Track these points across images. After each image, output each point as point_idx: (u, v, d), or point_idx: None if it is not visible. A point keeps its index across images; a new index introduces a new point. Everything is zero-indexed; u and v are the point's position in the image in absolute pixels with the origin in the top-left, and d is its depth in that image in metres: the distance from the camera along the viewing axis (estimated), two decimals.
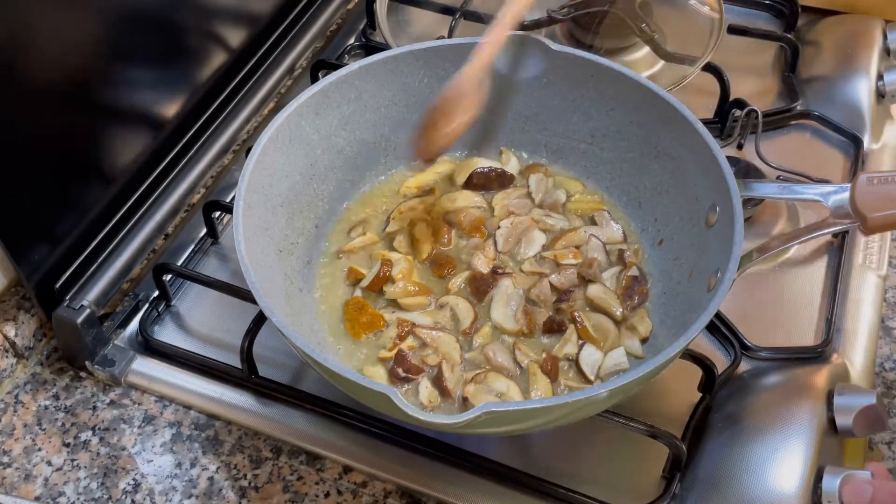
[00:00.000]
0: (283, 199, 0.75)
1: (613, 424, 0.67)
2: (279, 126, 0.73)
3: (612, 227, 0.79)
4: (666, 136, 0.76)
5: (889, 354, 0.79)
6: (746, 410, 0.70)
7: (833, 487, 0.64)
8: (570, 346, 0.71)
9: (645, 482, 0.69)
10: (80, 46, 0.73)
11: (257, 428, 0.74)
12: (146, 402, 0.76)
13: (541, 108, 0.82)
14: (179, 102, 0.85)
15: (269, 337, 0.74)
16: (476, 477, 0.70)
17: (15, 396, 0.77)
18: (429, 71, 0.80)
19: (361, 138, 0.81)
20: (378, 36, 1.03)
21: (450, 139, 0.74)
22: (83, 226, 0.78)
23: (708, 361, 0.71)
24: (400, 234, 0.78)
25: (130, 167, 0.81)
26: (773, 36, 1.00)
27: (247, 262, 0.65)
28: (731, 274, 0.63)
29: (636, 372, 0.58)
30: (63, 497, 0.70)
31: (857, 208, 0.66)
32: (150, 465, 0.72)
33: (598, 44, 0.98)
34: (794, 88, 0.96)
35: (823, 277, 0.82)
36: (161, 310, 0.81)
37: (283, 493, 0.70)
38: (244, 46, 0.94)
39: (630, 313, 0.73)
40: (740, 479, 0.66)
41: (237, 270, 0.82)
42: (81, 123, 0.75)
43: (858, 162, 0.90)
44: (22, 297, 0.77)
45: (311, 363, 0.62)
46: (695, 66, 0.91)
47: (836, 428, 0.69)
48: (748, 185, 0.71)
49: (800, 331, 0.78)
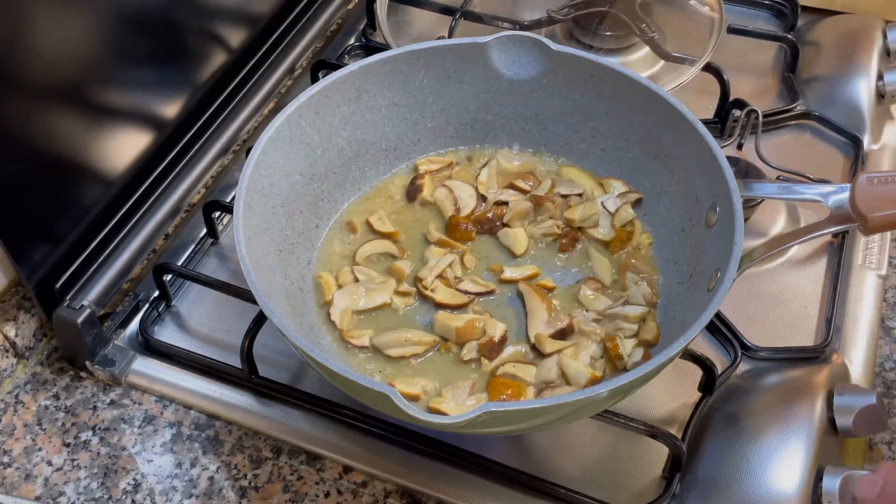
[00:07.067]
0: (283, 199, 0.75)
1: (613, 424, 0.67)
2: (279, 126, 0.73)
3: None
4: (666, 136, 0.76)
5: (889, 354, 0.79)
6: (746, 410, 0.70)
7: (833, 487, 0.64)
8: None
9: (645, 482, 0.69)
10: (79, 46, 0.73)
11: (257, 428, 0.74)
12: (146, 402, 0.76)
13: (541, 108, 0.82)
14: (179, 102, 0.85)
15: (269, 337, 0.74)
16: (476, 477, 0.70)
17: (15, 396, 0.77)
18: (429, 71, 0.80)
19: (362, 138, 0.81)
20: (378, 36, 1.03)
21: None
22: (83, 226, 0.78)
23: (708, 361, 0.71)
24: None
25: (130, 167, 0.81)
26: (773, 36, 1.00)
27: (247, 262, 0.65)
28: (731, 274, 0.63)
29: (636, 372, 0.58)
30: (63, 497, 0.70)
31: (857, 208, 0.66)
32: (150, 464, 0.72)
33: (598, 44, 0.98)
34: (794, 88, 0.96)
35: (823, 277, 0.82)
36: (161, 310, 0.81)
37: (283, 493, 0.70)
38: (244, 46, 0.94)
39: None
40: (740, 479, 0.66)
41: (237, 270, 0.83)
42: (82, 123, 0.75)
43: (858, 162, 0.90)
44: (22, 297, 0.77)
45: (311, 363, 0.62)
46: (695, 66, 0.91)
47: (836, 428, 0.69)
48: (748, 185, 0.71)
49: (800, 331, 0.78)
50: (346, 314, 0.74)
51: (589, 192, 0.81)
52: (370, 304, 0.74)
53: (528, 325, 0.73)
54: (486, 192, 0.82)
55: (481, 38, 0.79)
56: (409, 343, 0.71)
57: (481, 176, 0.83)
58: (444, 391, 0.69)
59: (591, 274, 0.77)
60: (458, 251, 0.78)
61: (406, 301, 0.75)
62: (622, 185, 0.81)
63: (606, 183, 0.81)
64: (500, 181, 0.83)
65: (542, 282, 0.76)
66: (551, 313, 0.73)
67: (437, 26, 1.03)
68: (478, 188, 0.82)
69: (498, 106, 0.83)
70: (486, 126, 0.85)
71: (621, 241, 0.78)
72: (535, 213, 0.80)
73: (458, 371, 0.71)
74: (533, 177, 0.83)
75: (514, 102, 0.83)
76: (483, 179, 0.82)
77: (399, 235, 0.80)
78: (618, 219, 0.78)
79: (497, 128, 0.85)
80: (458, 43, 0.79)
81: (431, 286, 0.75)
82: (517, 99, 0.82)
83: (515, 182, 0.82)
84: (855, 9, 1.04)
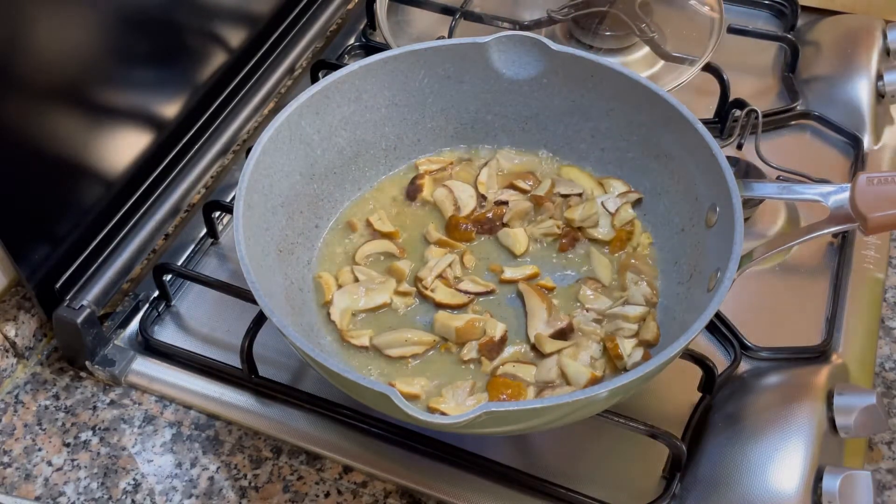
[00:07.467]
0: (283, 199, 0.75)
1: (613, 424, 0.67)
2: (279, 126, 0.73)
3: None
4: (666, 136, 0.76)
5: (889, 354, 0.79)
6: (746, 410, 0.70)
7: (833, 487, 0.64)
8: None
9: (645, 482, 0.69)
10: (79, 46, 0.73)
11: (257, 428, 0.74)
12: (146, 402, 0.76)
13: (541, 108, 0.82)
14: (179, 102, 0.85)
15: (269, 337, 0.74)
16: (476, 477, 0.70)
17: (15, 396, 0.77)
18: (429, 71, 0.80)
19: (362, 138, 0.81)
20: (378, 36, 1.03)
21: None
22: (83, 226, 0.78)
23: (708, 361, 0.71)
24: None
25: (130, 167, 0.81)
26: (773, 36, 1.00)
27: (247, 262, 0.65)
28: (731, 274, 0.63)
29: (636, 372, 0.58)
30: (63, 497, 0.70)
31: (857, 208, 0.66)
32: (150, 465, 0.72)
33: (598, 44, 0.98)
34: (794, 88, 0.96)
35: (823, 277, 0.82)
36: (161, 310, 0.81)
37: (283, 493, 0.70)
38: (244, 46, 0.94)
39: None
40: (740, 479, 0.66)
41: (237, 270, 0.83)
42: (82, 123, 0.75)
43: (858, 162, 0.90)
44: (22, 297, 0.77)
45: (311, 363, 0.62)
46: (695, 66, 0.91)
47: (836, 428, 0.69)
48: (748, 185, 0.71)
49: (800, 331, 0.78)
50: (346, 314, 0.74)
51: (589, 192, 0.81)
52: (370, 304, 0.74)
53: (528, 325, 0.73)
54: (486, 192, 0.82)
55: (481, 38, 0.79)
56: (408, 343, 0.71)
57: (481, 176, 0.83)
58: (443, 391, 0.69)
59: (591, 274, 0.77)
60: (458, 251, 0.78)
61: (406, 301, 0.75)
62: (622, 185, 0.81)
63: (606, 183, 0.81)
64: (500, 181, 0.83)
65: (542, 282, 0.76)
66: (551, 313, 0.73)
67: (437, 26, 1.03)
68: (478, 188, 0.82)
69: (498, 106, 0.83)
70: (486, 126, 0.85)
71: (621, 241, 0.78)
72: (535, 213, 0.80)
73: (458, 371, 0.71)
74: (533, 177, 0.83)
75: (514, 102, 0.83)
76: (483, 179, 0.82)
77: (399, 235, 0.80)
78: (618, 219, 0.78)
79: (497, 128, 0.85)
80: (457, 43, 0.79)
81: (431, 286, 0.75)
82: (517, 99, 0.82)
83: (515, 182, 0.82)
84: (855, 9, 1.04)
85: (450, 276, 0.76)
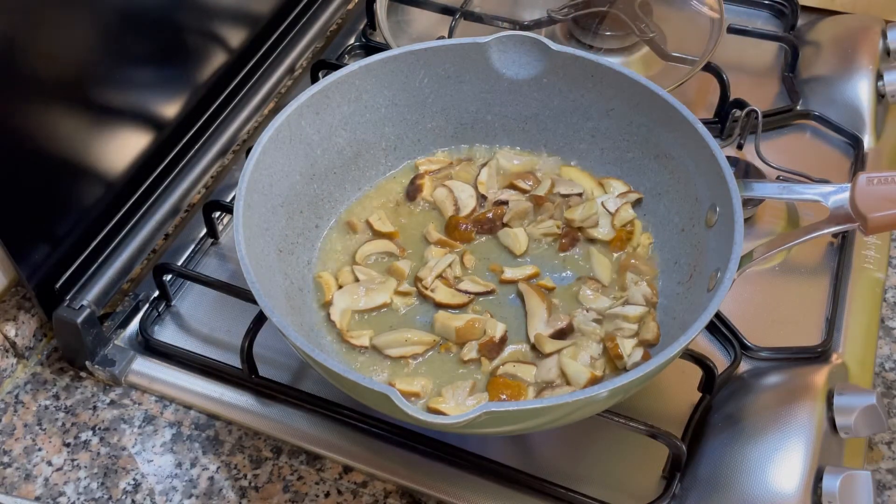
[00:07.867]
0: (283, 199, 0.75)
1: (613, 424, 0.67)
2: (279, 126, 0.73)
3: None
4: (666, 136, 0.76)
5: (889, 354, 0.79)
6: (746, 410, 0.70)
7: (833, 487, 0.64)
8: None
9: (645, 482, 0.69)
10: (79, 46, 0.73)
11: (257, 428, 0.74)
12: (146, 402, 0.76)
13: (541, 108, 0.82)
14: (179, 102, 0.85)
15: (269, 337, 0.74)
16: (476, 477, 0.70)
17: (15, 396, 0.77)
18: (429, 71, 0.80)
19: (362, 138, 0.81)
20: (378, 36, 1.03)
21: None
22: (83, 226, 0.78)
23: (708, 361, 0.71)
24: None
25: (130, 167, 0.81)
26: (773, 36, 1.00)
27: (247, 262, 0.65)
28: (731, 274, 0.63)
29: (636, 372, 0.58)
30: (63, 497, 0.70)
31: (857, 208, 0.66)
32: (150, 465, 0.72)
33: (598, 44, 0.98)
34: (794, 88, 0.96)
35: (823, 277, 0.82)
36: (161, 310, 0.81)
37: (283, 493, 0.70)
38: (244, 46, 0.94)
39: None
40: (740, 479, 0.66)
41: (237, 270, 0.83)
42: (81, 123, 0.75)
43: (858, 162, 0.90)
44: (22, 297, 0.77)
45: (311, 363, 0.62)
46: (695, 66, 0.91)
47: (836, 428, 0.69)
48: (748, 185, 0.71)
49: (800, 331, 0.78)
50: (346, 314, 0.74)
51: (589, 192, 0.81)
52: (370, 304, 0.74)
53: (528, 325, 0.73)
54: (486, 192, 0.82)
55: (481, 38, 0.79)
56: (409, 343, 0.71)
57: (481, 176, 0.83)
58: (443, 391, 0.69)
59: (591, 274, 0.77)
60: (458, 251, 0.78)
61: (406, 301, 0.75)
62: (622, 185, 0.81)
63: (606, 183, 0.81)
64: (500, 181, 0.83)
65: (542, 282, 0.76)
66: (551, 313, 0.73)
67: (437, 26, 1.03)
68: (478, 188, 0.82)
69: (498, 106, 0.83)
70: (486, 126, 0.85)
71: (621, 241, 0.78)
72: (535, 213, 0.80)
73: (458, 371, 0.71)
74: (533, 177, 0.83)
75: (514, 102, 0.83)
76: (483, 179, 0.82)
77: (399, 235, 0.80)
78: (618, 219, 0.78)
79: (497, 128, 0.85)
80: (457, 43, 0.79)
81: (431, 286, 0.75)
82: (517, 99, 0.82)
83: (515, 182, 0.82)
84: (855, 9, 1.04)
85: (450, 276, 0.76)
